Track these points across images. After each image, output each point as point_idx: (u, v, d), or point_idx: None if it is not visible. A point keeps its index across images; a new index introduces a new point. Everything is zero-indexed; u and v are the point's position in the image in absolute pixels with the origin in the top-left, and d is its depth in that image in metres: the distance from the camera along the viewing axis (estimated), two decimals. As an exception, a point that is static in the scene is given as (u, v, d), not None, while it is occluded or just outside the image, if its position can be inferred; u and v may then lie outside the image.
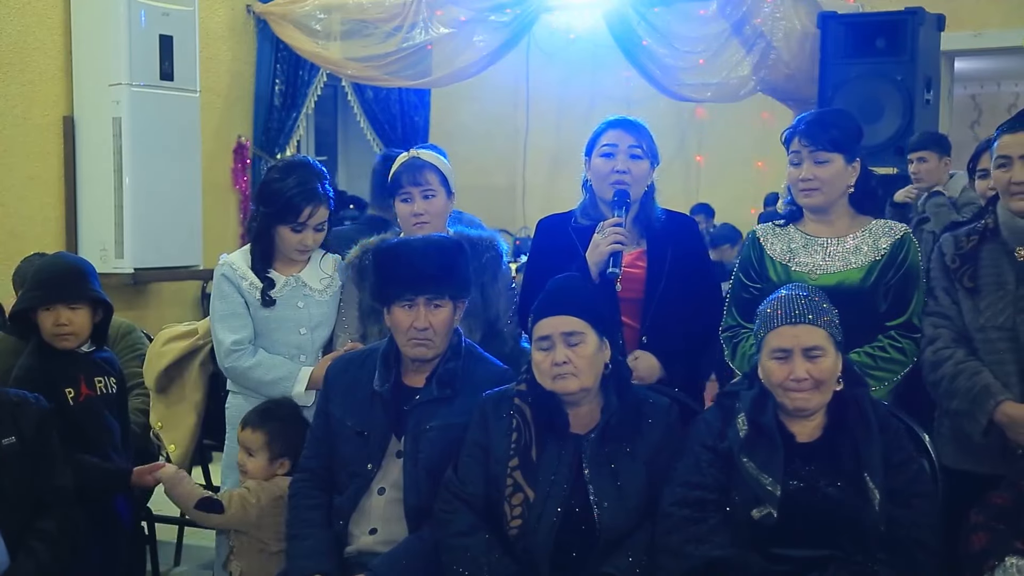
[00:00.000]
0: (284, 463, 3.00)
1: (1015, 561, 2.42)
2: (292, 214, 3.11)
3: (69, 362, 3.09)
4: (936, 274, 2.94)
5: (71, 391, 3.05)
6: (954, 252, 2.90)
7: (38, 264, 3.33)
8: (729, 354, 3.03)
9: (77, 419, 3.03)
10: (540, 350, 2.60)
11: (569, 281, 2.71)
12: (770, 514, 2.44)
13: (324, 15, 6.21)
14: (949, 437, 2.89)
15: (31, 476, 2.72)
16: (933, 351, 2.86)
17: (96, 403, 3.11)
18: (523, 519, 2.55)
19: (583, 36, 7.20)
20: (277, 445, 3.00)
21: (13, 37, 5.33)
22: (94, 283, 3.12)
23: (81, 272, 3.12)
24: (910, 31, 5.01)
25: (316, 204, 3.12)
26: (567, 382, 2.57)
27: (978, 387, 2.76)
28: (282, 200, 3.11)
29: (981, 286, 2.84)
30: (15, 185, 5.39)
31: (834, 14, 5.26)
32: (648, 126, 3.20)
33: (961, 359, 2.82)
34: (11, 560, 2.65)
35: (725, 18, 5.48)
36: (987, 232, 2.89)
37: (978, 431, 2.75)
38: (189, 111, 5.76)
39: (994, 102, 10.20)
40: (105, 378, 3.17)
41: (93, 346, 3.19)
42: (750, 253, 3.07)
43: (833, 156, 2.91)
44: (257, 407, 3.09)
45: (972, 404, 2.76)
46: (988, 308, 2.82)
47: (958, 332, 2.86)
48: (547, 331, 2.59)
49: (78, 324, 3.06)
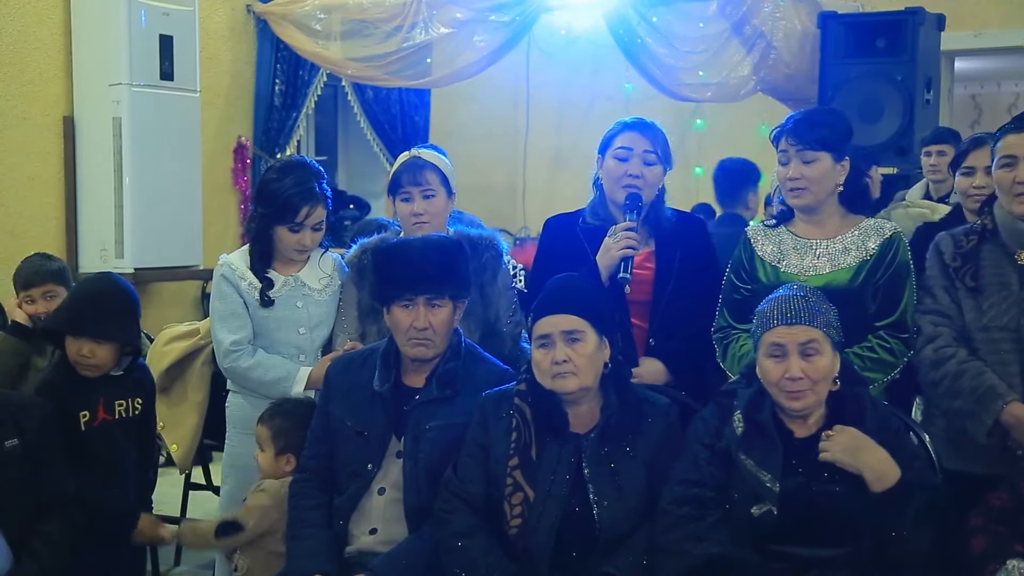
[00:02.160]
0: (290, 459, 2.99)
1: (1016, 564, 2.42)
2: (290, 214, 3.11)
3: (90, 384, 2.99)
4: (934, 272, 2.92)
5: (86, 414, 2.96)
6: (954, 251, 2.89)
7: (80, 282, 3.17)
8: (720, 355, 3.03)
9: (89, 444, 2.96)
10: (540, 348, 2.60)
11: (569, 280, 2.71)
12: (770, 511, 2.44)
13: (324, 15, 6.20)
14: (943, 437, 2.88)
15: (33, 478, 2.72)
16: (934, 349, 2.84)
17: (112, 428, 3.02)
18: (523, 519, 2.55)
19: (583, 36, 7.20)
20: (281, 440, 3.00)
21: (13, 37, 5.33)
22: (130, 323, 3.01)
23: (118, 308, 2.99)
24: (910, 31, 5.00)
25: (313, 204, 3.12)
26: (567, 381, 2.57)
27: (983, 387, 2.74)
28: (280, 200, 3.11)
29: (984, 286, 2.82)
30: (15, 185, 5.40)
31: (834, 14, 5.26)
32: None
33: (964, 358, 2.80)
34: (14, 561, 2.65)
35: (725, 18, 5.48)
36: (986, 232, 2.88)
37: (982, 432, 2.74)
38: (189, 111, 5.76)
39: (994, 102, 10.19)
40: (128, 400, 3.06)
41: (121, 371, 3.05)
42: (741, 254, 3.07)
43: (820, 155, 2.90)
44: (273, 403, 3.09)
45: (977, 404, 2.74)
46: (992, 308, 2.81)
47: (958, 331, 2.85)
48: (547, 330, 2.59)
49: (101, 357, 2.96)
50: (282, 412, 3.03)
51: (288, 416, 3.02)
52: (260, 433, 3.03)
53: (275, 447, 3.01)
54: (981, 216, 2.95)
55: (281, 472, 2.99)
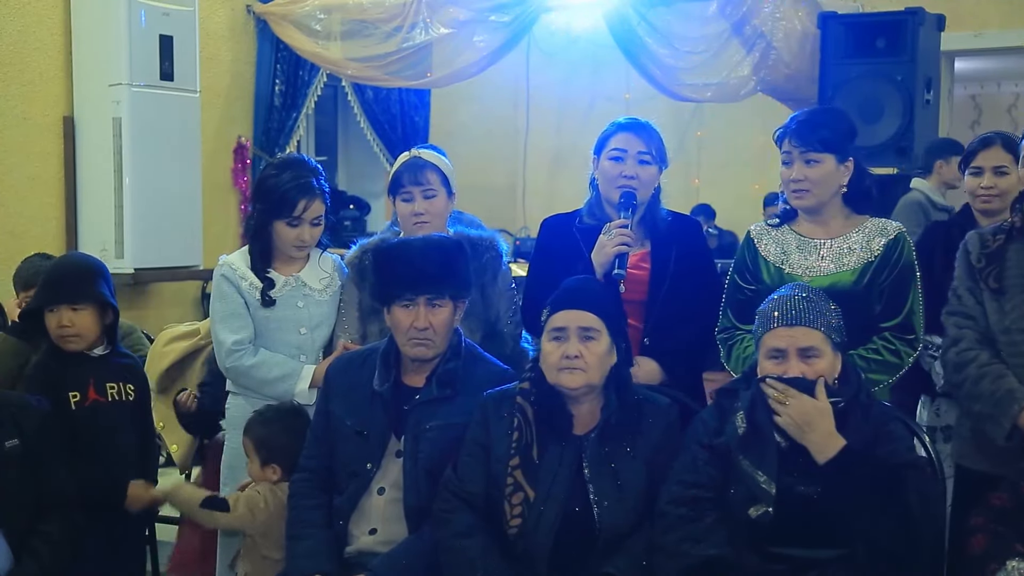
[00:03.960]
0: (276, 469, 2.97)
1: (1016, 564, 2.42)
2: (287, 208, 3.12)
3: (79, 365, 3.02)
4: (961, 273, 2.88)
5: (76, 395, 2.98)
6: (980, 251, 2.84)
7: (48, 264, 3.28)
8: (724, 355, 3.03)
9: (79, 424, 2.97)
10: (552, 341, 2.59)
11: (590, 281, 2.75)
12: (767, 512, 2.44)
13: (324, 15, 6.20)
14: (969, 438, 2.87)
15: (33, 478, 2.72)
16: (957, 352, 2.82)
17: (106, 409, 3.04)
18: (523, 518, 2.55)
19: (583, 36, 7.20)
20: (263, 451, 2.99)
21: (13, 37, 5.32)
22: (101, 284, 3.05)
23: (87, 272, 3.05)
24: (910, 31, 5.01)
25: (311, 197, 3.13)
26: (574, 376, 2.56)
27: (1002, 391, 2.71)
28: (277, 195, 3.11)
29: (1007, 287, 2.78)
30: (15, 185, 5.39)
31: (834, 14, 5.26)
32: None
33: (985, 361, 2.77)
34: (14, 561, 2.65)
35: (725, 18, 5.48)
36: (1014, 231, 2.83)
37: (1001, 435, 2.71)
38: (189, 111, 5.76)
39: (994, 102, 10.19)
40: (120, 384, 3.09)
41: (108, 348, 3.11)
42: (744, 254, 3.06)
43: (824, 157, 2.88)
44: (255, 412, 3.07)
45: (995, 408, 2.72)
46: (1014, 310, 2.76)
47: (982, 333, 2.81)
48: (563, 323, 2.58)
49: (81, 325, 3.00)
50: (262, 421, 3.01)
51: (268, 424, 3.00)
52: (245, 444, 3.01)
53: (259, 457, 3.00)
54: (1012, 214, 2.90)
55: (267, 481, 2.99)
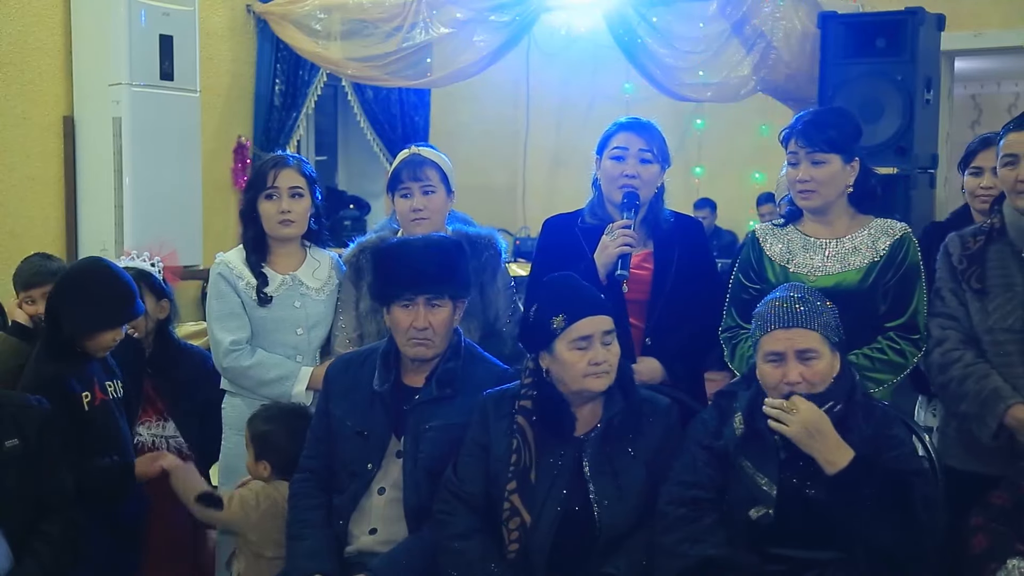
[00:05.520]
0: (266, 466, 2.99)
1: (1017, 563, 2.42)
2: (261, 181, 3.20)
3: (84, 369, 3.03)
4: (943, 275, 2.91)
5: (87, 396, 3.00)
6: (961, 252, 2.87)
7: (74, 276, 3.09)
8: (728, 355, 3.03)
9: (94, 424, 2.99)
10: (577, 350, 2.57)
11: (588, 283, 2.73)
12: (767, 514, 2.44)
13: (324, 15, 6.19)
14: (956, 439, 2.88)
15: (33, 478, 2.72)
16: (941, 353, 2.84)
17: (110, 407, 3.07)
18: (520, 544, 2.55)
19: (583, 36, 7.20)
20: (256, 446, 3.00)
21: (13, 37, 5.32)
22: (136, 292, 3.09)
23: (127, 286, 3.05)
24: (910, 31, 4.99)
25: (281, 167, 3.20)
26: (601, 380, 2.57)
27: (987, 390, 2.74)
28: (254, 175, 3.27)
29: (989, 287, 2.81)
30: (15, 185, 5.39)
31: (834, 14, 5.25)
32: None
33: (970, 361, 2.80)
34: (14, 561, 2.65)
35: (725, 18, 5.47)
36: (994, 232, 2.87)
37: (987, 434, 2.74)
38: (189, 111, 5.75)
39: (994, 102, 10.19)
40: (114, 382, 3.14)
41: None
42: (749, 253, 3.06)
43: (830, 157, 2.89)
44: (263, 406, 3.09)
45: (982, 407, 2.74)
46: (996, 310, 2.80)
47: (966, 334, 2.84)
48: (589, 331, 2.57)
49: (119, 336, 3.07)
50: (265, 417, 3.03)
51: (269, 422, 3.01)
52: (245, 433, 3.04)
53: (254, 451, 3.01)
54: (991, 215, 2.94)
55: (259, 476, 3.00)
